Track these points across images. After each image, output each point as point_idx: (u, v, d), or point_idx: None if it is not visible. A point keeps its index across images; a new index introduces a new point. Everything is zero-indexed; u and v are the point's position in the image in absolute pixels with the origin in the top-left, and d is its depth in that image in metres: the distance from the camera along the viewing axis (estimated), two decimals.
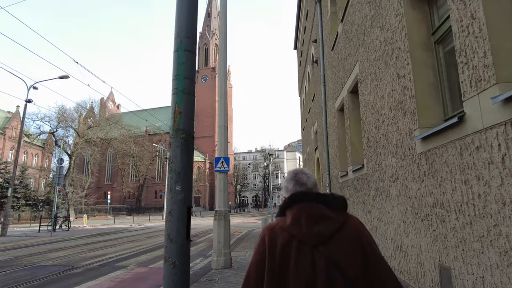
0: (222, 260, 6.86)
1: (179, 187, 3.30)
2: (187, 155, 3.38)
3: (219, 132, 7.64)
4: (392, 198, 3.97)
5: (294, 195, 1.25)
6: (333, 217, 1.19)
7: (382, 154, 4.29)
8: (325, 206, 1.21)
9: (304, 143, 17.62)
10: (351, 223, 1.21)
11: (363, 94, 5.26)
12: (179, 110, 3.51)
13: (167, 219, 3.17)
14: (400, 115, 3.61)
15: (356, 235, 1.18)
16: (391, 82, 3.88)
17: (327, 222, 1.17)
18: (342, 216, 1.21)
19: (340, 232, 1.16)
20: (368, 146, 4.98)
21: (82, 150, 34.38)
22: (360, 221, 1.26)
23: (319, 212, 1.19)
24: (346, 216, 1.22)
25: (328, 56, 8.61)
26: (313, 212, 1.18)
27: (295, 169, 1.38)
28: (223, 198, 7.32)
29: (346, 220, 1.20)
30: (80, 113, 39.49)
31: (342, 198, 1.26)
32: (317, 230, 1.15)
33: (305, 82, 15.45)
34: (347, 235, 1.16)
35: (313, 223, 1.16)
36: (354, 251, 1.13)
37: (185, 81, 3.60)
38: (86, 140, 35.82)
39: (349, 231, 1.18)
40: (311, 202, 1.21)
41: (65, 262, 8.09)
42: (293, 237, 1.16)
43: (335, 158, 7.84)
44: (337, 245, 1.13)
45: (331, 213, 1.20)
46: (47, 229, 15.72)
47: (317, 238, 1.14)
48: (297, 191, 1.26)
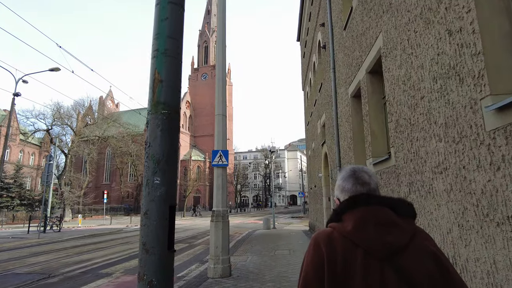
0: (220, 268, 5.96)
1: (159, 179, 2.47)
2: (170, 137, 2.54)
3: (217, 121, 6.74)
4: (438, 195, 3.06)
5: (356, 197, 1.08)
6: (403, 226, 1.03)
7: (421, 139, 3.39)
8: (394, 212, 1.05)
9: (308, 139, 16.70)
10: (422, 234, 1.06)
11: (389, 70, 4.36)
12: (160, 78, 2.67)
13: (142, 223, 2.29)
14: (453, 84, 2.71)
15: (429, 247, 1.01)
16: (436, 44, 2.98)
17: (398, 230, 1.01)
18: (411, 225, 1.06)
19: (412, 243, 1.00)
20: (397, 132, 4.08)
21: (78, 148, 33.45)
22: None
23: (389, 218, 1.03)
24: (415, 225, 1.07)
25: (339, 37, 7.71)
26: (382, 218, 1.03)
27: (351, 166, 1.20)
28: (221, 196, 6.42)
29: (416, 230, 1.05)
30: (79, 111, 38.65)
31: (411, 204, 1.11)
32: (388, 240, 0.98)
33: (309, 73, 14.54)
34: (419, 247, 1.00)
35: (382, 231, 1.00)
36: (429, 267, 0.97)
37: (168, 41, 2.75)
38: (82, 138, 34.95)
39: (421, 243, 1.01)
40: (378, 206, 1.06)
41: (43, 269, 7.20)
42: (356, 247, 0.99)
43: (348, 151, 6.94)
44: (410, 259, 0.97)
45: (400, 220, 1.04)
46: (37, 230, 14.82)
47: (388, 249, 0.97)
48: (358, 192, 1.10)
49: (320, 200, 11.80)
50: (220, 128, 6.70)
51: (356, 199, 1.07)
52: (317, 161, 12.79)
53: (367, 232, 1.00)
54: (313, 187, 14.60)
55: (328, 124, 9.46)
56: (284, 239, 12.52)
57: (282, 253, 8.93)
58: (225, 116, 6.83)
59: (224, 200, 6.43)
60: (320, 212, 12.12)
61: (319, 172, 11.65)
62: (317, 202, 13.32)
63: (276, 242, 11.52)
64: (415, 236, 1.02)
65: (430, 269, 0.96)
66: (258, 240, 12.41)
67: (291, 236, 13.85)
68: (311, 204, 17.05)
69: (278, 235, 14.11)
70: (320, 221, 12.00)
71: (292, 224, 23.79)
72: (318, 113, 11.81)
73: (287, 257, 8.22)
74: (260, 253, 9.01)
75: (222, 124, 6.71)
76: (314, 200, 14.53)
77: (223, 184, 6.54)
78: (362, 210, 1.04)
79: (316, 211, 13.62)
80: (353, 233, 1.00)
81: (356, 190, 1.10)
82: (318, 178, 12.21)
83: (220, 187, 6.48)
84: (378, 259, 0.96)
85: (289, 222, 26.19)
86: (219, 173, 6.59)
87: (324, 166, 10.62)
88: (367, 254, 0.97)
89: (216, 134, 6.73)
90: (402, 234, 1.00)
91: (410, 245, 0.99)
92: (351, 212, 1.05)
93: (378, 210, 1.04)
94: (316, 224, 13.58)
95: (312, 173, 15.14)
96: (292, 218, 31.32)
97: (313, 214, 15.26)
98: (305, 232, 15.66)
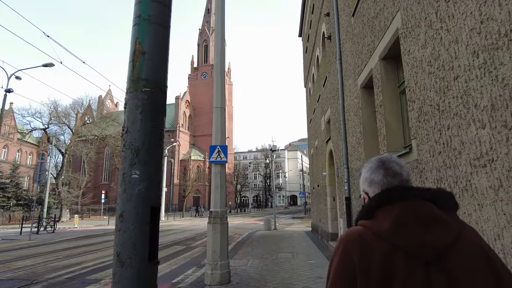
0: (218, 274, 5.43)
1: (137, 172, 2.01)
2: (153, 121, 2.15)
3: (215, 114, 6.22)
4: (479, 193, 2.54)
5: (389, 190, 0.95)
6: (448, 221, 0.89)
7: (454, 127, 2.86)
8: (435, 205, 0.91)
9: (311, 137, 16.16)
10: (469, 230, 0.92)
11: (409, 52, 3.84)
12: (141, 49, 2.23)
13: (117, 228, 1.86)
14: (504, 56, 2.19)
15: (479, 245, 0.88)
16: (478, 11, 2.46)
17: (443, 227, 0.87)
18: (457, 220, 0.92)
19: (460, 241, 0.86)
20: (420, 121, 3.56)
21: (75, 147, 32.89)
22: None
23: (431, 213, 0.89)
24: (461, 220, 0.94)
25: (346, 26, 7.19)
26: (424, 214, 0.89)
27: (378, 157, 1.06)
28: (219, 196, 5.89)
29: (463, 225, 0.91)
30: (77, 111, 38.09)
31: (452, 194, 0.97)
32: (432, 238, 0.85)
33: (312, 69, 14.01)
34: (468, 245, 0.86)
35: (425, 228, 0.86)
36: (481, 268, 0.83)
37: (153, 5, 2.31)
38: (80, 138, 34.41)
39: (470, 240, 0.88)
40: (416, 200, 0.91)
41: (27, 274, 6.66)
42: (396, 249, 0.84)
43: (357, 147, 6.41)
44: (459, 259, 0.83)
45: (444, 215, 0.90)
46: (30, 231, 14.28)
47: (434, 249, 0.84)
48: (390, 185, 0.97)
49: (324, 200, 11.27)
50: (219, 122, 6.17)
51: (390, 193, 0.94)
52: (320, 159, 12.26)
53: (408, 231, 0.86)
54: (316, 187, 14.07)
55: (333, 119, 8.93)
56: (286, 241, 12.00)
57: (285, 256, 8.41)
58: (224, 109, 6.31)
59: (222, 200, 5.90)
60: (323, 213, 11.59)
61: (323, 171, 11.12)
62: (320, 202, 12.79)
63: (278, 244, 10.99)
64: (463, 233, 0.88)
65: (483, 272, 0.83)
66: (259, 242, 11.88)
67: (293, 237, 13.32)
68: (313, 205, 16.52)
69: (279, 237, 13.59)
70: (324, 222, 11.47)
71: (293, 224, 23.29)
72: (322, 109, 11.28)
73: (291, 260, 7.70)
74: (261, 256, 8.49)
75: (220, 117, 6.18)
76: (317, 200, 14.00)
77: (222, 183, 6.01)
78: (399, 205, 0.91)
79: (319, 212, 13.09)
80: (392, 233, 0.87)
81: (387, 183, 0.98)
82: (322, 177, 11.68)
83: (219, 186, 5.95)
84: (423, 262, 0.84)
85: (290, 222, 25.67)
86: (217, 170, 6.06)
87: (329, 164, 10.09)
88: (410, 257, 0.84)
89: (214, 128, 6.20)
90: (449, 231, 0.87)
91: (458, 244, 0.86)
92: (385, 208, 0.92)
93: (419, 204, 0.91)
94: (319, 225, 13.05)
95: (315, 172, 14.61)
96: (293, 219, 30.81)
97: (316, 215, 14.73)
98: (307, 233, 15.14)
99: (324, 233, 11.18)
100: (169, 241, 13.71)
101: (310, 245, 10.57)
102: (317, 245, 10.50)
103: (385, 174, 0.99)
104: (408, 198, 0.91)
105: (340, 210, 8.32)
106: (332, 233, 9.93)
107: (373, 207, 0.94)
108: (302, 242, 11.63)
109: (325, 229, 10.89)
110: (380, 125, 4.96)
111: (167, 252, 10.28)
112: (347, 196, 7.12)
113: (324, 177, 11.04)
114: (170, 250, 10.77)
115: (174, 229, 20.30)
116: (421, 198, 0.92)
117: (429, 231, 0.86)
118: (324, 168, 10.99)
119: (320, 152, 12.35)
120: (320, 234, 12.40)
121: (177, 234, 16.85)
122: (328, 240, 10.09)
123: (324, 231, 11.36)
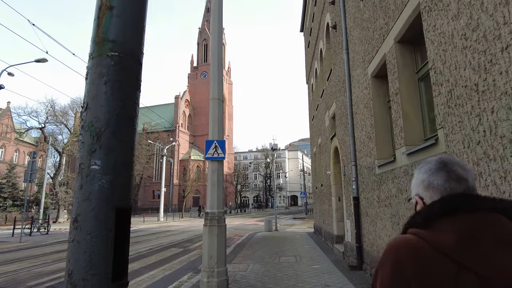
0: (214, 282, 4.89)
1: (98, 163, 1.46)
2: (122, 95, 1.53)
3: (212, 106, 5.69)
4: None
5: (455, 197, 0.79)
6: None
7: (502, 110, 2.33)
8: (509, 219, 0.75)
9: (313, 135, 15.60)
10: None
11: (434, 28, 3.31)
12: (109, 4, 1.65)
13: (71, 236, 1.39)
14: None
15: None
16: None
17: None
18: None
19: None
20: (451, 106, 3.02)
21: (73, 147, 32.35)
22: None
23: (509, 230, 0.73)
24: None
25: (354, 11, 6.66)
26: (503, 231, 0.73)
27: (438, 157, 0.88)
28: (217, 196, 5.35)
29: None
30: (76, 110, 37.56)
31: None
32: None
33: (315, 63, 13.47)
34: None
35: (503, 249, 0.70)
36: None
37: None
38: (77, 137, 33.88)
39: None
40: (490, 213, 0.76)
41: (7, 281, 6.12)
42: (460, 270, 0.69)
43: (368, 142, 5.87)
44: None
45: None
46: (21, 233, 13.74)
47: None
48: (454, 192, 0.81)
49: (328, 200, 10.72)
50: (216, 115, 5.63)
51: (457, 201, 0.77)
52: (324, 157, 11.71)
53: (483, 251, 0.70)
54: (319, 186, 13.52)
55: (339, 114, 8.38)
56: (288, 243, 11.45)
57: (288, 260, 7.86)
58: (222, 101, 5.77)
59: (220, 200, 5.35)
60: (327, 214, 11.05)
61: (327, 169, 10.57)
62: (323, 203, 12.24)
63: (280, 246, 10.45)
64: None
65: None
66: (260, 244, 11.33)
67: (296, 239, 12.77)
68: (316, 205, 15.96)
69: (281, 238, 13.04)
70: (328, 223, 10.92)
71: (294, 225, 22.75)
72: (326, 105, 10.73)
73: (294, 265, 7.16)
74: (262, 260, 7.95)
75: (218, 109, 5.64)
76: (320, 201, 13.45)
77: (219, 182, 5.46)
78: (468, 218, 0.75)
79: (323, 212, 12.54)
80: (459, 250, 0.71)
81: (450, 189, 0.81)
82: (325, 176, 11.13)
83: (215, 185, 5.40)
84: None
85: (291, 223, 25.13)
86: (214, 168, 5.51)
87: (334, 163, 9.54)
88: (484, 284, 0.67)
89: (211, 122, 5.66)
90: None
91: None
92: (449, 218, 0.76)
93: (491, 218, 0.74)
94: (322, 227, 12.50)
95: (318, 171, 14.06)
96: (294, 219, 30.27)
97: (319, 215, 14.17)
98: (309, 234, 14.59)
99: (329, 235, 10.64)
100: (166, 243, 13.21)
101: (314, 248, 10.02)
102: (321, 248, 9.95)
103: (447, 178, 0.83)
104: (478, 210, 0.77)
105: (347, 211, 7.77)
106: (337, 235, 9.38)
107: (435, 215, 0.78)
108: (305, 244, 11.08)
109: (330, 231, 10.34)
110: (396, 116, 4.41)
111: (162, 255, 9.76)
112: (355, 196, 6.58)
113: (328, 176, 10.49)
114: (166, 253, 10.24)
115: (172, 230, 19.77)
116: (495, 211, 0.77)
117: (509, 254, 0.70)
118: (328, 167, 10.44)
119: (323, 150, 11.80)
120: (324, 236, 11.84)
121: (175, 235, 16.33)
122: (333, 243, 9.54)
123: (328, 233, 10.81)
